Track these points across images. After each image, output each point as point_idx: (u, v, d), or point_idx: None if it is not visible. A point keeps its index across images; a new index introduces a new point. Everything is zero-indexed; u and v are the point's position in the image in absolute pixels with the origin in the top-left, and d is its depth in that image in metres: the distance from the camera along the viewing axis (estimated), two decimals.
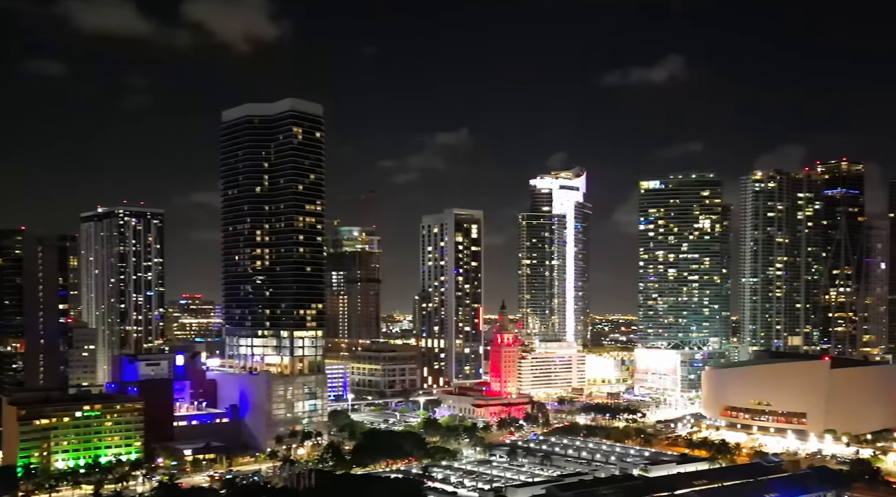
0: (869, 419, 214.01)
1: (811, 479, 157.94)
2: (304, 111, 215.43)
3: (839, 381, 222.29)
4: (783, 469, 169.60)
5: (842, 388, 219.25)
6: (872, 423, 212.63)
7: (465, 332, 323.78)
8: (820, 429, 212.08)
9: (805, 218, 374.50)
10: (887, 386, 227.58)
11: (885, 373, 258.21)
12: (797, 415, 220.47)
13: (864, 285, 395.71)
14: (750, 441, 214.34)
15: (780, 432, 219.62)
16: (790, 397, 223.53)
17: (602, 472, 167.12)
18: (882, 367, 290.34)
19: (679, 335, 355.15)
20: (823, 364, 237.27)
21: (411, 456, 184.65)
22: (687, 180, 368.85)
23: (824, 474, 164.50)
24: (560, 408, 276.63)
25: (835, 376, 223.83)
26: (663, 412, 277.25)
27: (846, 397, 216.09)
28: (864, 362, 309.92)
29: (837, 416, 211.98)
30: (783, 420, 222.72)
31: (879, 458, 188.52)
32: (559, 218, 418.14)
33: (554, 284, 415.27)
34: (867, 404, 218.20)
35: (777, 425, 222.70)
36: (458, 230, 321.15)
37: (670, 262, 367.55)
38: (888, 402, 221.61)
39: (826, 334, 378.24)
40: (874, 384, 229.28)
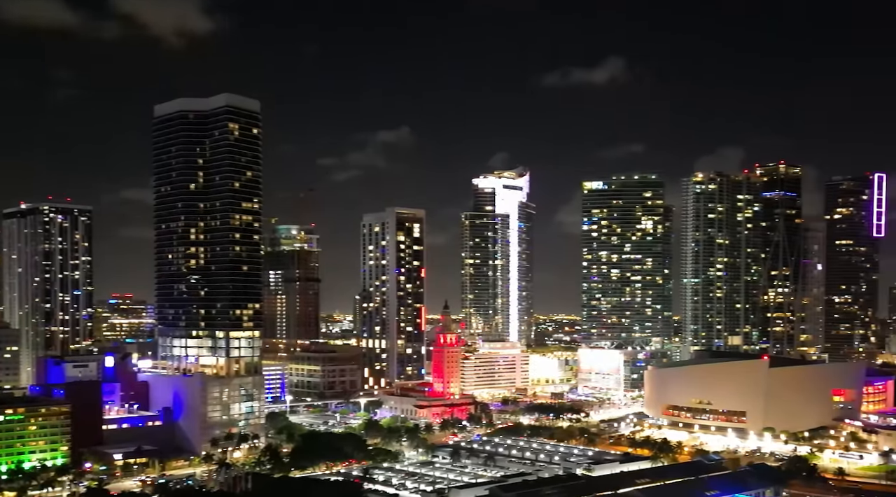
0: (806, 417, 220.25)
1: (750, 476, 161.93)
2: (241, 107, 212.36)
3: (777, 380, 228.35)
4: (723, 467, 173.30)
5: (780, 386, 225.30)
6: (809, 421, 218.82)
7: (406, 333, 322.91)
8: (759, 427, 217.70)
9: (744, 219, 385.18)
10: (823, 384, 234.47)
11: (822, 372, 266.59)
12: (737, 413, 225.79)
13: (801, 286, 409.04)
14: (691, 439, 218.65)
15: (720, 431, 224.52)
16: (730, 396, 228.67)
17: (546, 472, 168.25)
18: (818, 366, 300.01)
19: (622, 335, 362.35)
20: (762, 363, 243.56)
21: (352, 458, 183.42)
22: (629, 181, 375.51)
23: (763, 471, 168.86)
24: (504, 408, 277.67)
25: (773, 375, 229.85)
26: (607, 412, 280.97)
27: (784, 396, 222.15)
28: (802, 361, 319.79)
29: (776, 414, 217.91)
30: (723, 418, 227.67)
31: (816, 455, 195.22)
32: (502, 218, 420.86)
33: (497, 284, 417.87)
34: (804, 403, 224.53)
35: (718, 424, 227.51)
36: (400, 229, 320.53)
37: (613, 263, 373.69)
38: (824, 401, 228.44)
39: (765, 334, 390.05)
40: (811, 383, 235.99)
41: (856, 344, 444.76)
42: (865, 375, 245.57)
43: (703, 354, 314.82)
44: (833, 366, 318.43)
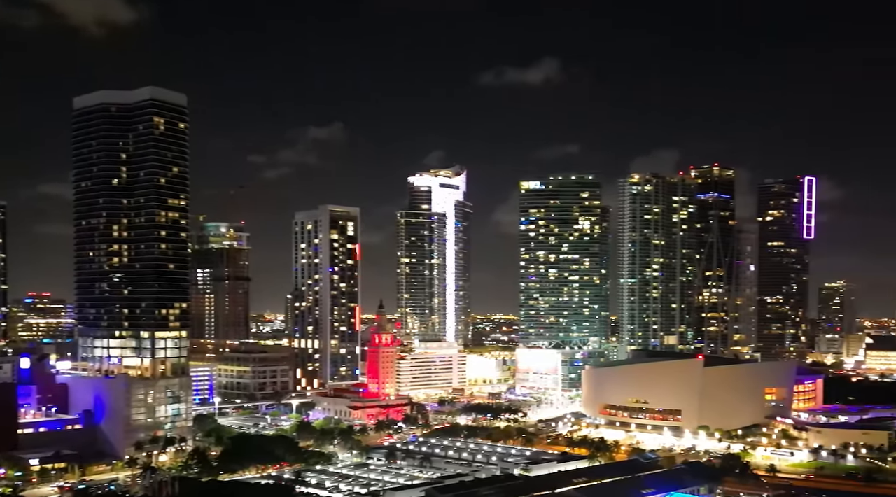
0: (739, 415, 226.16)
1: (685, 473, 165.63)
2: (167, 100, 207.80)
3: (712, 379, 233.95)
4: (659, 465, 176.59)
5: (714, 385, 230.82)
6: (742, 419, 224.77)
7: (340, 333, 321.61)
8: (694, 425, 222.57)
9: (680, 221, 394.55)
10: (756, 383, 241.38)
11: (754, 371, 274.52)
12: (673, 412, 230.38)
13: (734, 287, 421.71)
14: (628, 438, 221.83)
15: (656, 429, 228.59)
16: (666, 395, 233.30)
17: (483, 472, 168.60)
18: (751, 366, 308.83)
19: (560, 335, 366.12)
20: (697, 363, 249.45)
21: (283, 461, 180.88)
22: (567, 181, 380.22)
23: (698, 469, 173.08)
24: (440, 409, 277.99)
25: (708, 374, 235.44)
26: (544, 411, 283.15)
27: (718, 395, 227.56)
28: (735, 361, 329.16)
29: (710, 412, 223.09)
30: (659, 417, 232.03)
31: (749, 453, 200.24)
32: (439, 216, 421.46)
33: (434, 284, 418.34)
34: (737, 401, 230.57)
35: (654, 422, 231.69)
36: (334, 227, 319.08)
37: (551, 263, 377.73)
38: (757, 399, 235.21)
39: (700, 334, 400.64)
40: (744, 382, 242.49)
41: (787, 343, 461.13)
42: (796, 374, 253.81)
43: (639, 354, 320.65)
44: (765, 365, 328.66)
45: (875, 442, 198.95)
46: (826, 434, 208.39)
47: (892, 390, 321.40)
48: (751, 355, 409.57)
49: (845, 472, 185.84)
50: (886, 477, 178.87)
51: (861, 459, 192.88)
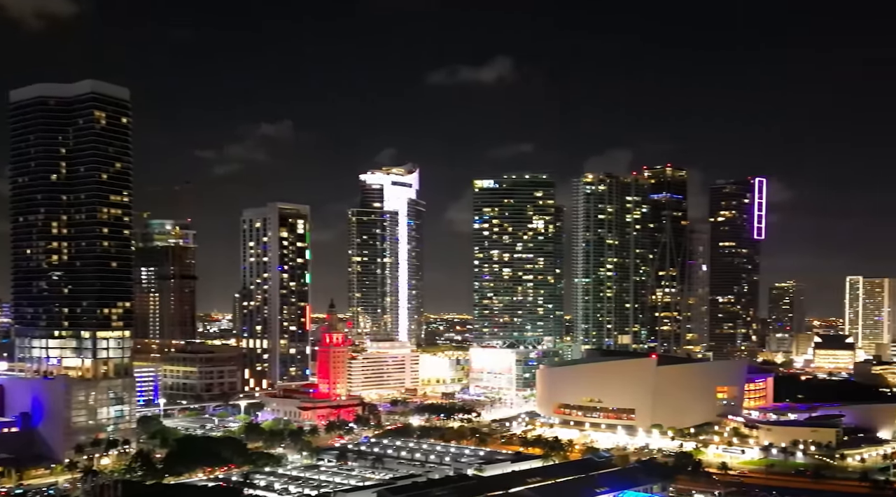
0: (692, 414, 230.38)
1: (639, 472, 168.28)
2: (108, 94, 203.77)
3: (665, 377, 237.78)
4: (613, 464, 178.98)
5: (667, 384, 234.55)
6: (695, 418, 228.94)
7: (290, 332, 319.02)
8: (647, 424, 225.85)
9: (633, 221, 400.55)
10: (708, 382, 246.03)
11: (706, 369, 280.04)
12: (626, 411, 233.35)
13: (687, 286, 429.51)
14: (582, 437, 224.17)
15: (610, 428, 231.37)
16: (620, 394, 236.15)
17: (436, 473, 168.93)
18: (703, 364, 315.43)
19: (514, 334, 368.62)
20: (650, 362, 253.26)
21: (231, 463, 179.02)
22: (521, 180, 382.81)
23: (651, 467, 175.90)
24: (393, 409, 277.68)
25: (661, 373, 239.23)
26: (498, 411, 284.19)
27: (671, 393, 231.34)
28: (688, 360, 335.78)
29: (663, 411, 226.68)
30: (613, 416, 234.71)
31: (701, 451, 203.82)
32: (391, 215, 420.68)
33: (386, 282, 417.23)
34: (690, 400, 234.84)
35: (608, 421, 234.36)
36: (283, 225, 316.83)
37: (505, 262, 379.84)
38: (709, 398, 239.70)
39: (653, 333, 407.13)
40: (696, 380, 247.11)
41: (738, 342, 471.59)
42: (747, 373, 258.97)
43: (593, 353, 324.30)
44: (717, 364, 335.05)
45: (823, 439, 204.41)
46: (776, 432, 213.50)
47: (840, 388, 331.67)
48: (703, 354, 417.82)
49: (794, 468, 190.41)
50: (834, 473, 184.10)
51: (810, 456, 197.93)
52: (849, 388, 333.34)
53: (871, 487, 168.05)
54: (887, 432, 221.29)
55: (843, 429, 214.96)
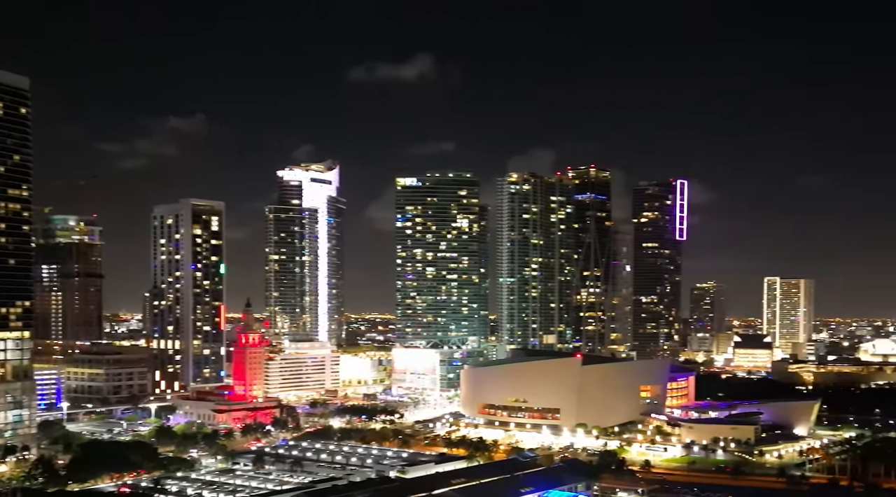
0: (616, 413, 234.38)
1: (564, 471, 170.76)
2: (6, 83, 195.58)
3: (589, 377, 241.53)
4: (538, 464, 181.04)
5: (592, 384, 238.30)
6: (619, 416, 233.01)
7: (204, 332, 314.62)
8: (572, 423, 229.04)
9: (558, 221, 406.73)
10: (632, 381, 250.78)
11: (630, 369, 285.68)
12: (551, 410, 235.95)
13: (611, 286, 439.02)
14: (507, 438, 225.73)
15: (535, 428, 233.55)
16: (545, 394, 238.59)
17: (358, 475, 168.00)
18: (627, 364, 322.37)
19: (438, 334, 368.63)
20: (575, 361, 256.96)
21: (141, 468, 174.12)
22: (444, 179, 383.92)
23: (575, 466, 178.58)
24: (312, 411, 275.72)
25: (586, 373, 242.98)
26: (422, 412, 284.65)
27: (596, 392, 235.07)
28: (612, 359, 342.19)
29: (588, 410, 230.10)
30: (538, 416, 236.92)
31: (624, 449, 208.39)
32: (310, 212, 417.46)
33: (305, 281, 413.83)
34: (614, 399, 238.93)
35: (533, 421, 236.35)
36: (196, 222, 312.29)
37: (428, 261, 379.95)
38: (632, 397, 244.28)
39: (578, 332, 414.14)
40: (620, 380, 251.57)
41: (661, 342, 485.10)
42: (669, 372, 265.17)
43: (518, 353, 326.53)
44: (640, 363, 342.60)
45: (742, 436, 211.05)
46: (697, 429, 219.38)
47: (758, 387, 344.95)
48: (627, 354, 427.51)
49: (715, 465, 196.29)
50: (752, 469, 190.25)
51: (730, 453, 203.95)
52: (767, 387, 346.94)
53: (787, 483, 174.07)
54: (803, 429, 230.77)
55: (762, 426, 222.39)
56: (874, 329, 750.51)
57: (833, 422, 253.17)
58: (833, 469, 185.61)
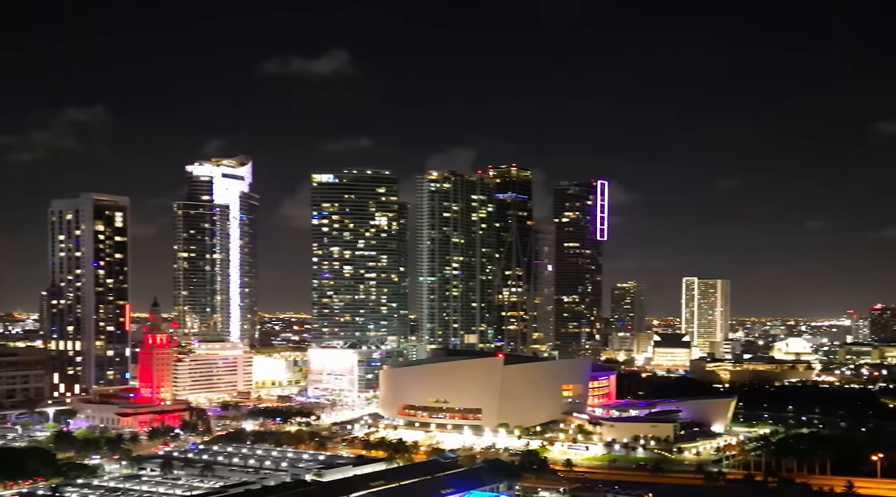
0: (538, 412, 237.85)
1: (485, 472, 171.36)
2: None
3: (511, 377, 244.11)
4: (459, 464, 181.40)
5: (514, 383, 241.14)
6: (541, 416, 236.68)
7: (107, 333, 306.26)
8: (494, 423, 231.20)
9: (479, 220, 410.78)
10: (554, 380, 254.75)
11: (552, 368, 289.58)
12: (473, 411, 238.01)
13: (533, 286, 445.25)
14: (428, 439, 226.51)
15: (457, 429, 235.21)
16: (467, 394, 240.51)
17: (272, 479, 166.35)
18: (549, 363, 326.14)
19: (356, 334, 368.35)
20: (497, 361, 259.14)
21: (38, 475, 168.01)
22: (362, 176, 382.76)
23: (497, 466, 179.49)
24: (224, 414, 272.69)
25: (507, 372, 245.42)
26: (340, 414, 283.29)
27: (518, 392, 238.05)
28: (534, 359, 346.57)
29: (510, 410, 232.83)
30: (460, 416, 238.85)
31: (546, 449, 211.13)
32: (222, 208, 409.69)
33: (216, 280, 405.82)
34: (536, 398, 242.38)
35: (454, 422, 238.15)
36: (99, 218, 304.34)
37: (346, 259, 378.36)
38: (555, 396, 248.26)
39: (500, 332, 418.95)
40: (543, 379, 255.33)
41: (582, 341, 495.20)
42: (591, 371, 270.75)
43: (439, 353, 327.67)
44: (562, 362, 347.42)
45: (662, 434, 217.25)
46: (618, 428, 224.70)
47: (677, 385, 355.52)
48: (549, 353, 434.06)
49: (635, 463, 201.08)
50: (671, 466, 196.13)
51: (650, 451, 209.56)
52: (685, 385, 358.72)
53: (704, 479, 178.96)
54: (720, 426, 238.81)
55: (680, 424, 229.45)
56: (787, 328, 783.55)
57: (749, 419, 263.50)
58: (748, 465, 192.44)
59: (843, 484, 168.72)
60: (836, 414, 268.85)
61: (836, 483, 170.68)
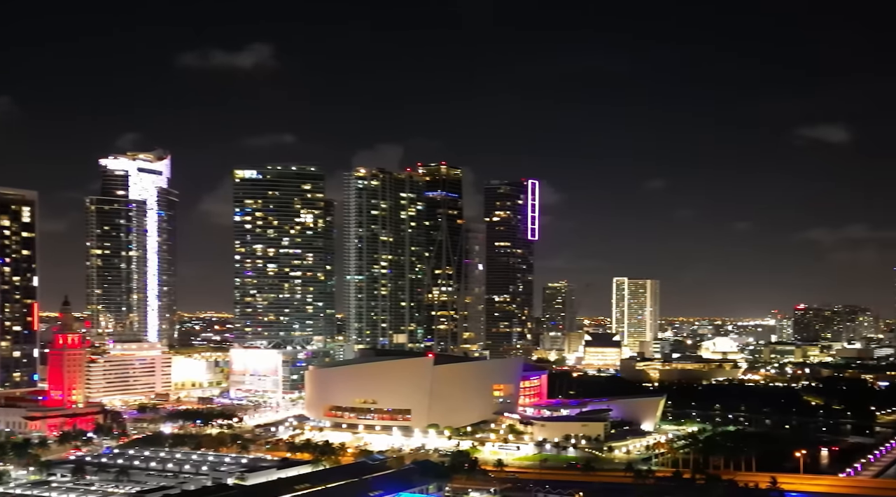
0: (469, 412, 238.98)
1: (414, 473, 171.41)
2: None
3: (442, 377, 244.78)
4: (387, 466, 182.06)
5: (444, 383, 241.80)
6: (472, 416, 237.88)
7: (14, 333, 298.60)
8: (424, 424, 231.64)
9: (408, 218, 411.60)
10: (485, 380, 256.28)
11: (483, 368, 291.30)
12: (402, 411, 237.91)
13: (463, 285, 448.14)
14: (356, 440, 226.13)
15: (385, 430, 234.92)
16: (396, 395, 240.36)
17: (192, 484, 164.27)
18: (480, 363, 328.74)
19: (280, 334, 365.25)
20: (427, 361, 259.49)
21: None
22: (287, 172, 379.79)
23: (426, 468, 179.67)
24: (141, 416, 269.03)
25: (438, 373, 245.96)
26: (263, 416, 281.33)
27: (448, 392, 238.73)
28: (465, 358, 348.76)
29: (440, 410, 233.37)
30: (388, 417, 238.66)
31: (477, 449, 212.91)
32: (138, 204, 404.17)
33: (132, 278, 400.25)
34: (467, 398, 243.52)
35: (383, 423, 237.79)
36: (4, 212, 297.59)
37: (270, 257, 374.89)
38: (486, 396, 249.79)
39: (430, 332, 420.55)
40: (473, 379, 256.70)
41: (514, 341, 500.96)
42: (522, 371, 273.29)
43: (367, 353, 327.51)
44: (493, 362, 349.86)
45: (592, 433, 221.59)
46: (549, 427, 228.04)
47: (608, 384, 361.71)
48: (480, 353, 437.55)
49: (566, 462, 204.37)
50: (602, 465, 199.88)
51: (580, 450, 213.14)
52: (616, 384, 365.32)
53: (633, 477, 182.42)
54: (649, 424, 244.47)
55: (611, 422, 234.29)
56: (715, 328, 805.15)
57: (677, 417, 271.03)
58: (677, 462, 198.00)
59: (767, 480, 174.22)
60: (761, 412, 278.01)
61: (761, 479, 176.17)
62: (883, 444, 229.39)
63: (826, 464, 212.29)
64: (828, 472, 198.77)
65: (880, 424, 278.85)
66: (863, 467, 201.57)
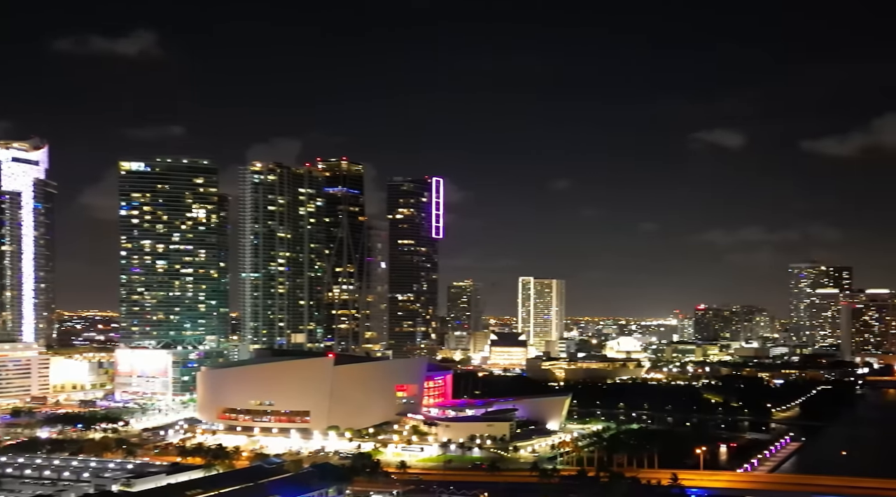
0: (371, 413, 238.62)
1: (313, 476, 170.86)
2: None
3: (342, 377, 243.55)
4: (284, 470, 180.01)
5: (345, 384, 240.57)
6: (374, 417, 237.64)
7: None
8: (323, 426, 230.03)
9: (307, 214, 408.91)
10: (388, 381, 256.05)
11: (386, 368, 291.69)
12: (301, 413, 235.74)
13: (365, 283, 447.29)
14: (251, 444, 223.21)
15: (283, 432, 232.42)
16: (294, 396, 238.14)
17: (72, 491, 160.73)
18: (382, 363, 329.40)
19: (170, 333, 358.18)
20: (327, 361, 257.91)
21: None
22: (177, 165, 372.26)
23: (326, 470, 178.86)
24: (15, 421, 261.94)
25: (338, 373, 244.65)
26: (152, 419, 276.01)
27: (350, 393, 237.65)
28: (367, 358, 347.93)
29: (341, 412, 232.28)
30: (286, 419, 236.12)
31: (379, 451, 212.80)
32: (12, 196, 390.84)
33: (6, 274, 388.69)
34: (369, 399, 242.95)
35: (280, 425, 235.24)
36: None
37: (159, 254, 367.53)
38: (388, 397, 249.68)
39: (330, 331, 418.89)
40: (376, 379, 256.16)
41: (418, 340, 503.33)
42: (426, 371, 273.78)
43: (264, 353, 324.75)
44: (397, 362, 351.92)
45: (498, 433, 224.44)
46: (454, 428, 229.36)
47: (514, 384, 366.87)
48: (382, 353, 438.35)
49: (471, 463, 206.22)
50: (508, 465, 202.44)
51: (486, 450, 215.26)
52: (522, 384, 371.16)
53: (539, 476, 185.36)
54: (555, 423, 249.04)
55: (516, 422, 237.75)
56: (619, 327, 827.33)
57: (582, 416, 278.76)
58: (582, 461, 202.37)
59: (668, 476, 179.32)
60: (664, 410, 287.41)
61: (663, 476, 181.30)
62: (778, 440, 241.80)
63: (725, 460, 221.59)
64: (726, 467, 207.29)
65: (775, 421, 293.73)
66: (759, 463, 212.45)
